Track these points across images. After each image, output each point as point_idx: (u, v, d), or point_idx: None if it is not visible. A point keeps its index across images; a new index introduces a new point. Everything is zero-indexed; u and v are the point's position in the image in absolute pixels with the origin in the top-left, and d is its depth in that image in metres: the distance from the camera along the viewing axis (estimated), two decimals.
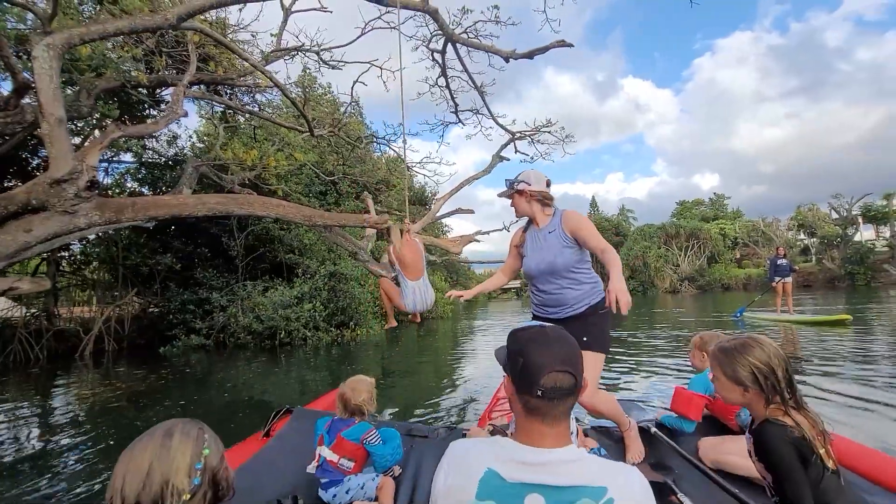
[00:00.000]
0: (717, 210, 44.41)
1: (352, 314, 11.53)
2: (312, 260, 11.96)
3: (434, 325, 16.26)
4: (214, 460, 0.97)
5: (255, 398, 5.55)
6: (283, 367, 7.79)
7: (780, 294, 10.81)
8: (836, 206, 29.92)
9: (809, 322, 9.51)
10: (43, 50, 4.32)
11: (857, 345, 6.69)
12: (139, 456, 0.89)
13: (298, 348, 9.74)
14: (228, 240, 11.72)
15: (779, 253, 11.14)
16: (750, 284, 31.25)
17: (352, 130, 11.04)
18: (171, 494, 0.87)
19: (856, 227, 29.83)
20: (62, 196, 4.67)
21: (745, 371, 1.36)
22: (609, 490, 0.87)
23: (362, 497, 2.04)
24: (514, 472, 0.92)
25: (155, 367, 8.06)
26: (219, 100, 7.98)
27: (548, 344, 0.98)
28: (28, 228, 4.66)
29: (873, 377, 4.73)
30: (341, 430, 2.10)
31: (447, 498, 0.95)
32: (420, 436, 2.67)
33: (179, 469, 0.89)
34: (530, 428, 0.96)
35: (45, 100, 4.38)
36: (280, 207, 5.60)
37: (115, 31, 4.52)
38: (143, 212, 5.13)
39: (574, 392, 0.96)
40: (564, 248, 2.36)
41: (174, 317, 10.65)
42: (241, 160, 7.78)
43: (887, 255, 27.21)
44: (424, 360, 8.30)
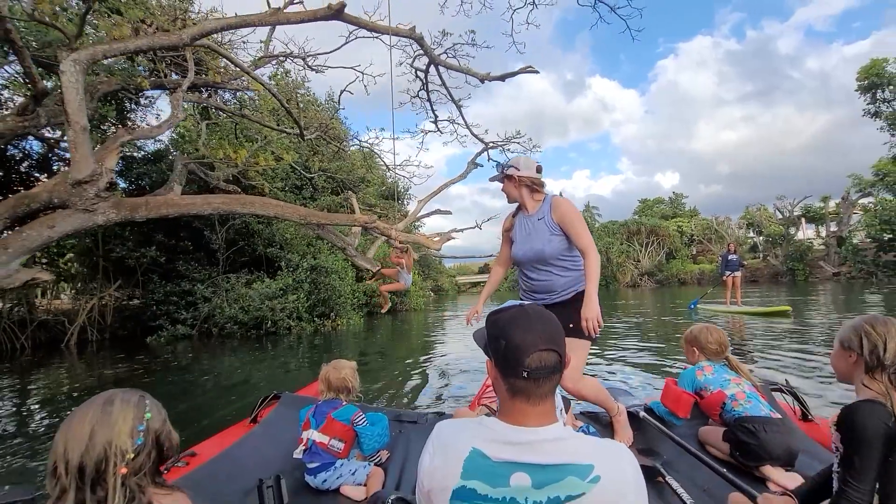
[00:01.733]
0: (675, 208, 46.76)
1: (332, 305, 12.15)
2: (294, 254, 12.47)
3: (408, 316, 17.01)
4: (157, 423, 1.00)
5: (242, 385, 5.76)
6: (269, 355, 8.35)
7: (730, 287, 11.47)
8: (780, 207, 32.35)
9: (755, 313, 10.22)
10: (70, 65, 4.79)
11: (796, 331, 7.59)
12: (79, 423, 0.92)
13: (283, 337, 10.30)
14: (210, 233, 12.08)
15: (730, 249, 11.90)
16: (703, 279, 33.31)
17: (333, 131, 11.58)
18: (114, 454, 0.90)
19: (797, 227, 32.31)
20: (83, 196, 5.17)
21: (856, 336, 1.38)
22: (596, 468, 0.87)
23: (352, 483, 2.06)
24: (499, 451, 0.92)
25: (141, 356, 8.46)
26: (209, 102, 8.41)
27: (529, 324, 0.97)
28: (51, 224, 5.13)
29: (809, 358, 5.40)
30: (330, 411, 2.12)
31: (432, 478, 0.95)
32: (409, 421, 2.66)
33: (122, 431, 0.92)
34: (515, 408, 0.96)
35: (72, 110, 4.87)
36: (279, 207, 6.21)
37: (136, 49, 5.04)
38: (156, 210, 5.66)
39: (559, 369, 0.96)
40: (553, 235, 2.35)
41: (158, 308, 10.98)
42: (232, 159, 8.25)
43: (823, 252, 29.69)
44: (402, 348, 9.03)
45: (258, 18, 5.19)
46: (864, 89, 24.72)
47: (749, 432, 2.01)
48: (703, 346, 2.45)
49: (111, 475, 0.89)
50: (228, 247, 12.60)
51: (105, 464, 0.89)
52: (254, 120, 8.80)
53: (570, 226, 2.30)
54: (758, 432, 1.99)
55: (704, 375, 2.35)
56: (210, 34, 5.34)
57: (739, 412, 2.11)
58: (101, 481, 0.89)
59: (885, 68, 23.63)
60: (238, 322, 10.41)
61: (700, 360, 2.45)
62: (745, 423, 2.05)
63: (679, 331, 8.38)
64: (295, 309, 10.83)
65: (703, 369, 2.38)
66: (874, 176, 24.53)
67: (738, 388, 2.21)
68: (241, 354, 8.39)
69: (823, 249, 29.98)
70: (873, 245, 23.44)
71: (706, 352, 2.44)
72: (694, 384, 2.37)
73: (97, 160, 5.24)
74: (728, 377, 2.30)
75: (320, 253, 13.14)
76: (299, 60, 9.44)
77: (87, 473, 0.88)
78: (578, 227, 2.30)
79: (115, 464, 0.90)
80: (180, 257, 11.76)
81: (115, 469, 0.89)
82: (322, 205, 17.03)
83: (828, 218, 30.34)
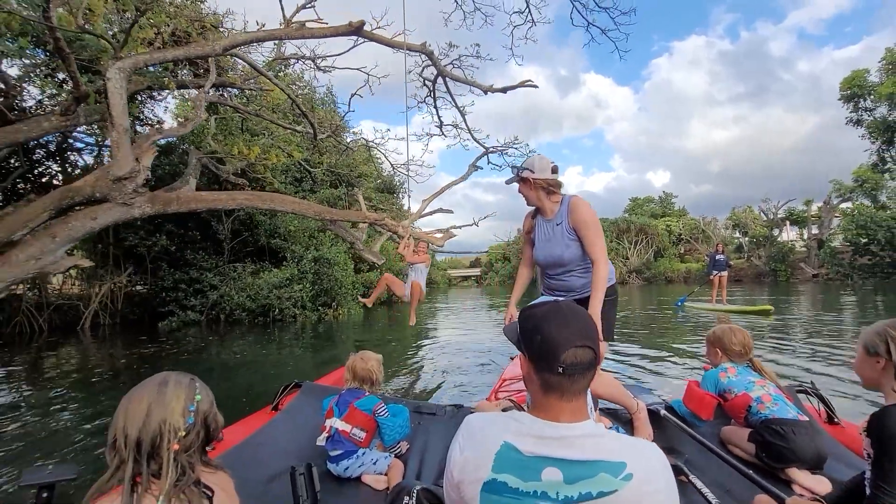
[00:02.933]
0: (665, 208, 47.70)
1: (334, 295, 12.72)
2: (298, 245, 13.00)
3: (404, 308, 17.63)
4: (206, 405, 1.07)
5: (254, 370, 6.11)
6: (276, 342, 8.91)
7: (716, 286, 11.84)
8: (765, 209, 33.35)
9: (739, 311, 10.56)
10: (115, 72, 5.30)
11: (777, 329, 8.01)
12: (137, 401, 0.99)
13: (289, 325, 10.87)
14: (217, 224, 12.56)
15: (717, 249, 12.32)
16: (690, 277, 34.22)
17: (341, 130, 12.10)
18: (168, 431, 0.97)
19: (780, 229, 33.33)
20: (123, 191, 5.69)
21: (882, 342, 1.36)
22: (628, 465, 0.87)
23: (373, 472, 2.09)
24: (531, 445, 0.92)
25: (155, 339, 9.00)
26: (224, 100, 8.89)
27: (565, 320, 0.98)
28: (94, 216, 5.66)
29: (788, 352, 5.90)
30: (353, 400, 2.17)
31: (463, 470, 0.96)
32: (428, 413, 2.68)
33: (175, 410, 0.99)
34: (548, 403, 0.96)
35: (116, 113, 5.38)
36: (297, 204, 6.76)
37: (173, 58, 5.56)
38: (186, 205, 6.19)
39: (594, 366, 0.97)
40: (571, 241, 2.36)
41: (167, 295, 11.48)
42: (245, 155, 8.75)
43: (804, 254, 30.73)
44: (402, 338, 9.63)
45: (285, 33, 5.70)
46: (846, 98, 25.63)
47: (777, 434, 1.98)
48: (726, 348, 2.41)
49: (165, 450, 0.96)
50: (233, 237, 13.11)
51: (160, 439, 0.96)
52: (267, 118, 9.29)
53: (584, 231, 2.31)
54: (786, 434, 1.96)
55: (728, 377, 2.31)
56: (240, 46, 5.85)
57: (766, 414, 2.09)
58: (156, 455, 0.96)
59: (866, 79, 24.54)
60: (246, 309, 10.96)
61: (723, 362, 2.41)
62: (772, 424, 2.03)
63: (666, 326, 9.09)
64: (300, 298, 11.40)
65: (726, 371, 2.34)
66: (854, 182, 25.48)
67: (763, 391, 2.19)
68: (250, 340, 8.93)
69: (805, 251, 31.04)
70: (850, 248, 24.45)
71: (730, 353, 2.40)
72: (717, 386, 2.33)
73: (136, 158, 5.76)
74: (752, 379, 2.27)
75: (322, 245, 13.68)
76: (309, 62, 9.95)
77: (143, 448, 0.95)
78: (592, 233, 2.30)
79: (169, 440, 0.96)
80: (188, 246, 12.25)
81: (169, 445, 0.96)
82: (321, 197, 17.49)
83: (810, 221, 31.36)
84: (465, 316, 13.42)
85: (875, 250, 22.37)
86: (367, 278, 16.97)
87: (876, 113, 25.01)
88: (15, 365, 6.93)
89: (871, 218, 22.33)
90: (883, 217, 22.18)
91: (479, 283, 63.01)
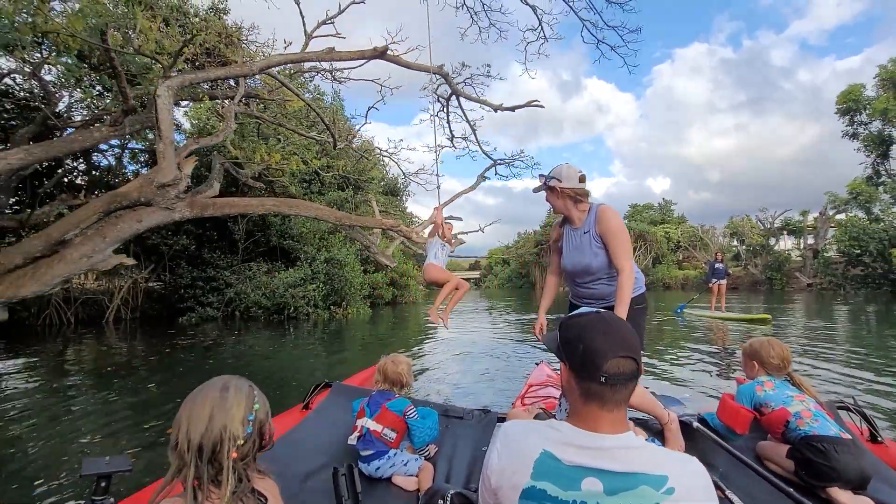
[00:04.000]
0: (664, 215, 48.30)
1: (343, 295, 13.30)
2: (310, 246, 13.59)
3: (406, 309, 18.21)
4: (262, 414, 1.10)
5: (275, 364, 6.44)
6: (291, 339, 9.45)
7: (715, 294, 12.00)
8: (762, 218, 33.99)
9: (738, 319, 10.71)
10: (164, 90, 5.87)
11: (775, 336, 8.54)
12: (201, 404, 1.02)
13: (302, 322, 11.43)
14: (233, 224, 13.15)
15: (717, 257, 12.48)
16: (687, 284, 34.84)
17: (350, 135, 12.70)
18: (228, 439, 0.99)
19: (776, 238, 33.95)
20: (166, 196, 6.25)
21: None
22: (670, 479, 0.87)
23: (404, 473, 2.11)
24: (571, 454, 0.92)
25: (182, 332, 9.56)
26: (249, 111, 9.48)
27: (608, 329, 0.99)
28: (139, 219, 6.22)
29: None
30: (384, 401, 2.20)
31: (501, 476, 0.97)
32: (455, 416, 2.70)
33: (235, 418, 1.02)
34: (588, 413, 0.97)
35: (164, 126, 5.95)
36: (319, 210, 7.33)
37: (215, 77, 6.14)
38: (220, 210, 6.75)
39: (636, 377, 0.97)
40: (598, 249, 2.37)
41: (185, 291, 12.06)
42: (266, 161, 9.33)
43: (800, 264, 31.35)
44: (409, 336, 10.19)
45: (316, 55, 6.28)
46: (842, 112, 26.25)
47: (819, 452, 1.91)
48: (763, 361, 2.34)
49: (225, 457, 0.97)
50: (247, 237, 13.70)
51: (220, 446, 0.98)
52: (289, 128, 9.87)
53: (611, 240, 2.32)
54: (828, 452, 1.89)
55: (765, 391, 2.23)
56: (274, 66, 6.43)
57: (806, 430, 2.01)
58: (215, 461, 0.98)
59: (861, 93, 25.16)
60: (262, 307, 11.53)
61: (759, 375, 2.34)
62: (813, 441, 1.95)
63: (664, 331, 9.59)
64: (313, 297, 11.97)
65: (762, 384, 2.27)
66: (848, 194, 26.08)
67: (802, 406, 2.10)
68: (267, 336, 9.46)
69: (800, 261, 31.65)
70: (843, 259, 25.04)
71: (767, 367, 2.33)
72: (753, 400, 2.25)
73: (178, 167, 6.33)
74: (791, 394, 2.18)
75: (332, 246, 14.27)
76: (327, 74, 10.54)
77: (204, 453, 0.97)
78: (618, 243, 2.31)
79: (229, 448, 0.98)
80: (206, 246, 12.84)
81: (228, 452, 0.98)
82: (329, 199, 18.09)
83: (805, 231, 32.00)
84: (466, 317, 13.98)
85: (867, 261, 22.95)
86: (373, 279, 17.57)
87: (871, 127, 25.63)
88: (70, 355, 7.49)
89: (864, 230, 22.93)
90: (875, 229, 22.77)
91: (478, 285, 63.73)
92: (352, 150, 11.23)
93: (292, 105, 11.56)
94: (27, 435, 3.62)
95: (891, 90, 23.65)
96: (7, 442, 3.45)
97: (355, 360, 6.91)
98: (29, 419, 4.05)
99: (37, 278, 5.69)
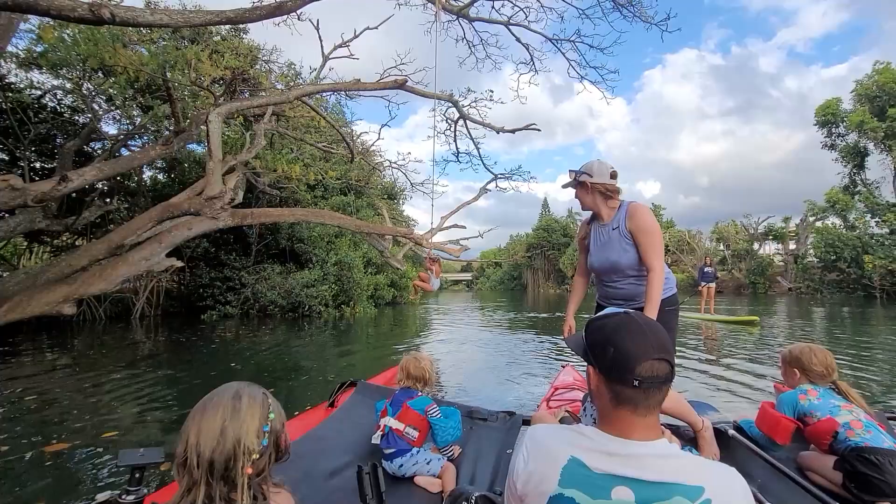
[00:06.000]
0: None
1: (352, 295, 14.25)
2: (320, 249, 14.52)
3: (404, 308, 19.22)
4: (278, 424, 1.04)
5: (294, 359, 6.93)
6: (307, 335, 10.25)
7: (704, 296, 12.47)
8: (746, 225, 35.38)
9: (727, 321, 11.12)
10: (215, 117, 6.81)
11: (763, 337, 8.73)
12: (211, 417, 0.94)
13: (315, 320, 12.36)
14: (248, 228, 14.04)
15: (706, 262, 12.94)
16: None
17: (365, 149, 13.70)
18: (242, 454, 0.92)
19: (760, 244, 35.36)
20: (212, 207, 7.18)
21: None
22: (706, 490, 0.83)
23: (426, 473, 2.11)
24: (600, 462, 0.89)
25: (210, 328, 10.45)
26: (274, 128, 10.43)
27: (640, 331, 0.96)
28: (189, 227, 7.15)
29: (772, 361, 6.18)
30: (406, 399, 2.21)
31: (527, 483, 0.95)
32: (479, 418, 2.68)
33: (250, 430, 0.95)
34: (619, 418, 0.94)
35: (214, 147, 6.89)
36: (342, 219, 8.29)
37: (258, 105, 7.10)
38: (257, 219, 7.70)
39: (670, 380, 0.94)
40: (628, 246, 2.32)
41: (204, 291, 12.94)
42: (288, 174, 10.27)
43: (782, 268, 32.74)
44: (410, 333, 11.15)
45: (344, 86, 7.24)
46: (821, 124, 27.65)
47: (871, 464, 1.83)
48: (805, 368, 2.23)
49: (239, 474, 0.92)
50: (259, 240, 14.60)
51: (233, 462, 0.92)
52: (309, 143, 10.83)
53: (643, 238, 2.28)
54: (882, 465, 1.81)
55: (809, 400, 2.13)
56: (308, 95, 7.40)
57: (856, 441, 1.92)
58: (228, 478, 0.92)
59: (839, 107, 26.57)
60: (278, 305, 12.46)
61: (802, 383, 2.23)
62: (865, 453, 1.87)
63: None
64: (325, 297, 12.92)
65: (806, 393, 2.16)
66: (826, 202, 27.46)
67: (851, 416, 2.01)
68: (285, 333, 10.25)
69: (782, 266, 33.05)
70: (820, 265, 26.41)
71: (809, 374, 2.22)
72: (797, 409, 2.15)
73: (223, 181, 7.27)
74: (837, 403, 2.09)
75: (340, 249, 15.21)
76: (342, 91, 11.50)
77: (216, 470, 0.91)
78: (650, 240, 2.27)
79: (243, 463, 0.92)
80: (222, 248, 13.72)
81: (243, 468, 0.92)
82: (332, 204, 19.03)
83: (787, 237, 33.39)
84: (458, 316, 14.99)
85: (843, 267, 24.31)
86: (375, 280, 18.52)
87: (848, 139, 27.04)
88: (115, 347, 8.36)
89: (839, 237, 24.29)
90: (850, 236, 24.14)
91: (469, 287, 64.68)
92: (365, 162, 12.16)
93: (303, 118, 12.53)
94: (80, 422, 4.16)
95: (866, 104, 25.06)
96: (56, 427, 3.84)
97: (369, 354, 7.77)
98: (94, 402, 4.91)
99: (104, 277, 6.60)
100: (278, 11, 5.69)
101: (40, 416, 4.20)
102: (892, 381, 5.33)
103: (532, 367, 6.29)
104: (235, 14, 5.37)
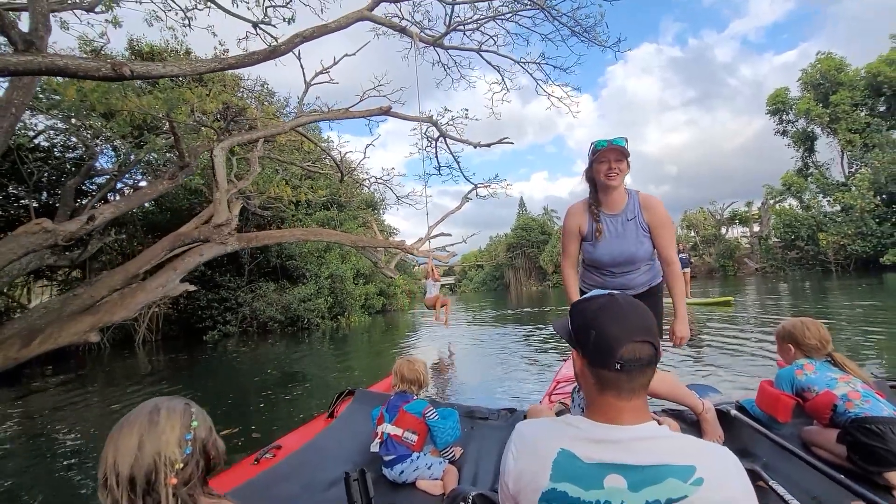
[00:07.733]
0: None
1: (345, 306, 14.87)
2: (312, 264, 15.10)
3: (395, 316, 19.88)
4: (203, 432, 1.01)
5: (295, 370, 7.39)
6: (307, 347, 10.80)
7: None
8: (713, 211, 37.18)
9: (704, 303, 11.55)
10: (219, 150, 7.44)
11: (736, 316, 9.37)
12: (127, 434, 0.92)
13: (313, 332, 12.94)
14: (241, 249, 14.54)
15: (679, 248, 13.57)
16: None
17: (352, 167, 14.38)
18: (164, 465, 0.91)
19: (727, 228, 37.20)
20: (220, 233, 7.80)
21: None
22: (698, 469, 0.82)
23: (428, 477, 2.10)
24: (590, 451, 0.88)
25: (213, 348, 10.94)
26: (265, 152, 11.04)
27: (622, 313, 0.94)
28: (201, 253, 7.75)
29: (746, 338, 6.55)
30: (402, 404, 2.20)
31: (519, 481, 0.93)
32: (480, 417, 2.67)
33: (170, 441, 0.93)
34: (605, 403, 0.93)
35: (219, 178, 7.52)
36: (338, 236, 8.98)
37: (257, 138, 7.75)
38: (260, 241, 8.33)
39: (653, 362, 0.93)
40: (645, 238, 2.28)
41: (202, 313, 13.38)
42: (280, 196, 10.89)
43: (748, 251, 34.56)
44: (397, 339, 11.82)
45: (335, 115, 7.95)
46: (772, 112, 29.50)
47: (873, 434, 1.79)
48: (799, 342, 2.21)
49: (162, 486, 0.90)
50: (251, 260, 15.09)
51: (155, 475, 0.90)
52: (298, 165, 11.48)
53: (662, 231, 2.26)
54: (884, 434, 1.77)
55: (806, 375, 2.11)
56: (302, 125, 8.08)
57: (856, 412, 1.89)
58: (152, 492, 0.90)
59: (787, 95, 28.44)
60: (277, 321, 13.01)
61: (798, 358, 2.21)
62: (866, 423, 1.83)
63: None
64: (320, 309, 13.53)
65: (802, 368, 2.14)
66: (783, 185, 29.26)
67: (849, 387, 1.98)
68: (285, 346, 10.77)
69: (748, 248, 34.89)
70: (781, 245, 28.14)
71: (805, 348, 2.20)
72: (794, 385, 2.13)
73: (228, 210, 7.89)
74: (834, 375, 2.06)
75: (331, 263, 15.82)
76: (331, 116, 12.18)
77: (138, 485, 0.89)
78: (669, 233, 2.26)
79: (166, 474, 0.91)
80: (217, 270, 14.17)
81: (166, 480, 0.91)
82: (317, 219, 19.64)
83: (751, 220, 35.26)
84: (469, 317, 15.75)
85: (801, 245, 26.01)
86: (366, 290, 19.15)
87: (797, 125, 28.91)
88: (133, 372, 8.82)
89: (796, 217, 25.99)
90: (805, 216, 25.86)
91: (453, 290, 65.44)
92: (352, 180, 12.88)
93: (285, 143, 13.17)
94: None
95: (811, 91, 26.92)
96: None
97: (367, 361, 8.35)
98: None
99: (125, 305, 7.15)
100: (273, 55, 6.37)
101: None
102: (865, 340, 5.75)
103: (528, 360, 6.50)
104: (236, 60, 6.06)
